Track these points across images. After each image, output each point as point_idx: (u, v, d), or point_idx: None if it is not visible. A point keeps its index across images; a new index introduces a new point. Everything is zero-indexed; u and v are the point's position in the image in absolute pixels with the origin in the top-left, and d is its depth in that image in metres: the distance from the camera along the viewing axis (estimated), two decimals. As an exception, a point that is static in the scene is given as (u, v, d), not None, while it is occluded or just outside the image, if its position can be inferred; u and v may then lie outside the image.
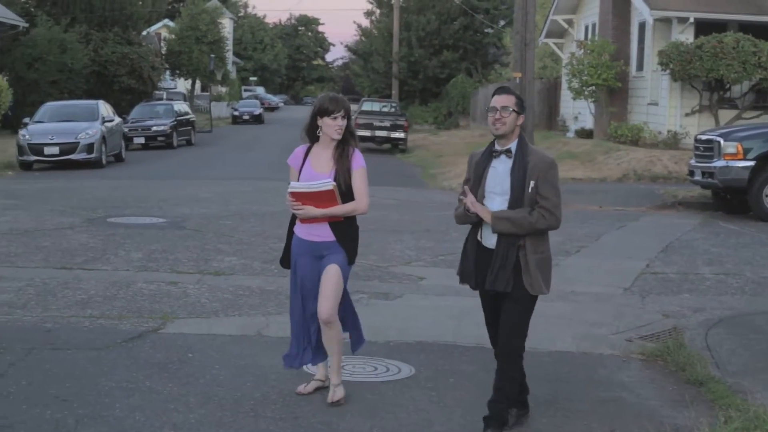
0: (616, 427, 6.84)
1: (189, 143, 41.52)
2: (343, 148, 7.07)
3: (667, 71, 28.02)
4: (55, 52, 43.74)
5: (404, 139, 40.27)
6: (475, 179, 6.60)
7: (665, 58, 27.62)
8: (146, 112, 40.57)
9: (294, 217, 7.15)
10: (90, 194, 20.54)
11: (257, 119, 68.53)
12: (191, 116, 43.46)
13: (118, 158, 31.40)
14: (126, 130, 35.20)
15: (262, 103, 79.95)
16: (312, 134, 7.15)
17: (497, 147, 6.56)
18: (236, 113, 69.17)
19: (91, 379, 7.52)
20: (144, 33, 56.37)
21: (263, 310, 10.15)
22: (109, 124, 30.09)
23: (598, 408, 7.25)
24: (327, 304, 6.94)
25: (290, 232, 7.24)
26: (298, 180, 7.06)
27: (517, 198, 6.41)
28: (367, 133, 39.15)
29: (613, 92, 31.93)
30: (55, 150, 27.89)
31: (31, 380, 7.45)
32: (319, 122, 7.06)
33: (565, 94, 38.06)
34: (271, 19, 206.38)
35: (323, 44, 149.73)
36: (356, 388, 7.48)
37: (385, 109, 42.81)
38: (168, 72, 66.22)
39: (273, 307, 10.22)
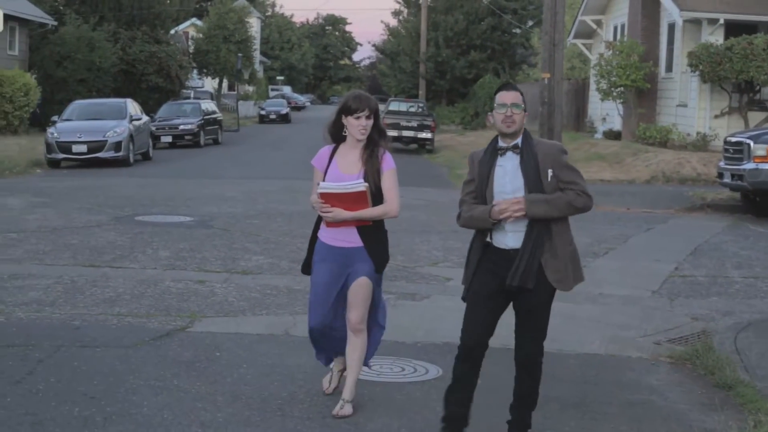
0: (645, 430, 6.81)
1: (216, 142, 41.62)
2: (372, 149, 6.76)
3: (697, 72, 27.93)
4: (84, 51, 43.95)
5: (431, 140, 40.24)
6: (481, 180, 6.19)
7: (695, 59, 27.53)
8: (173, 110, 40.69)
9: (319, 221, 6.86)
10: (118, 192, 20.62)
11: (284, 118, 68.68)
12: (218, 115, 43.57)
13: (146, 157, 31.53)
14: (153, 128, 35.34)
15: (289, 103, 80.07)
16: (337, 134, 6.83)
17: (502, 144, 6.17)
18: (263, 112, 69.35)
19: (119, 377, 7.54)
20: (172, 32, 56.58)
21: (290, 310, 10.15)
22: (136, 123, 30.19)
23: (627, 411, 7.22)
24: (356, 312, 6.73)
25: (314, 237, 6.93)
26: (324, 179, 6.77)
27: (534, 191, 6.05)
28: (394, 133, 39.13)
29: (641, 93, 31.83)
30: (83, 148, 28.01)
31: (59, 377, 7.47)
32: (344, 121, 6.76)
33: (593, 95, 37.97)
34: (298, 18, 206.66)
35: (350, 44, 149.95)
36: (384, 388, 7.49)
37: (413, 109, 42.79)
38: (195, 71, 66.41)
39: (300, 306, 10.21)
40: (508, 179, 6.11)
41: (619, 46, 31.70)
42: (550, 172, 6.04)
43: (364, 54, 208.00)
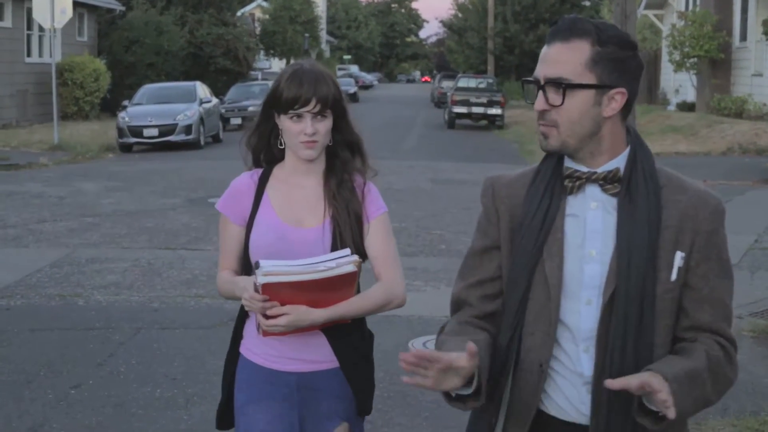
0: (729, 405, 6.68)
1: (285, 123, 41.65)
2: (341, 175, 3.52)
3: (772, 41, 27.44)
4: (152, 35, 44.23)
5: (501, 115, 39.95)
6: (524, 248, 2.69)
7: (770, 27, 27.04)
8: (242, 92, 40.76)
9: (241, 319, 3.58)
10: (190, 175, 20.73)
11: (352, 98, 68.45)
12: (287, 96, 43.62)
13: (216, 139, 31.67)
14: (223, 110, 35.48)
15: (357, 82, 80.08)
16: (264, 147, 3.59)
17: (575, 167, 2.80)
18: (331, 92, 69.35)
19: (199, 358, 7.58)
20: (238, 14, 56.83)
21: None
22: (206, 106, 30.32)
23: (712, 386, 7.08)
24: None
25: (234, 354, 3.60)
26: (246, 241, 3.50)
27: (632, 297, 2.55)
28: (463, 109, 39.04)
29: (715, 64, 31.36)
30: (155, 132, 28.18)
31: (140, 359, 7.53)
32: (278, 123, 3.48)
33: (666, 67, 37.47)
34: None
35: (417, 21, 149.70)
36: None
37: (482, 85, 42.52)
38: (262, 52, 66.66)
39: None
40: (596, 251, 2.64)
41: (692, 17, 31.27)
42: (680, 257, 2.61)
43: (431, 31, 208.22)
